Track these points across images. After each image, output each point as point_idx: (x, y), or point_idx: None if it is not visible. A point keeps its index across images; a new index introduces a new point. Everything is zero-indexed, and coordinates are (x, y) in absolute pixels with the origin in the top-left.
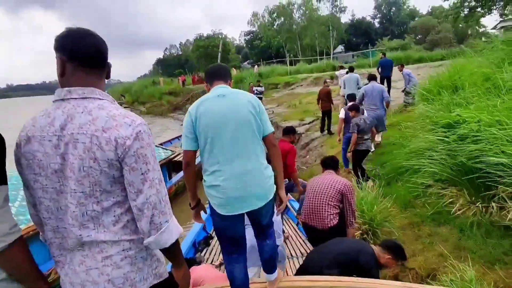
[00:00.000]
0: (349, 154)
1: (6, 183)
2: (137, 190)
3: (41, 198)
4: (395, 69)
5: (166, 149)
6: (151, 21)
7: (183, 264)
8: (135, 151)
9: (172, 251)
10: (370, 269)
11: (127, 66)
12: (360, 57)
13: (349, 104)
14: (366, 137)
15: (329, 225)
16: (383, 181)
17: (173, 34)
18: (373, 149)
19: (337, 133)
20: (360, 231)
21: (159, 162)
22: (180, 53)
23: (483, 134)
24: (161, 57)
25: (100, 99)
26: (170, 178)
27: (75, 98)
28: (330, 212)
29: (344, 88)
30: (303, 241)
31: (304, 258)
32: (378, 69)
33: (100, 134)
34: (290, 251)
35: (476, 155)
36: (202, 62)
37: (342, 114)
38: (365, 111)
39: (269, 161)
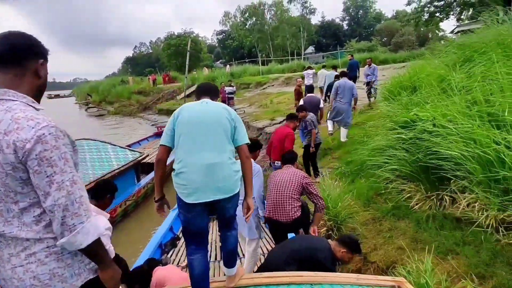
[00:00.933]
0: (312, 149)
1: None
2: (44, 192)
3: None
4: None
5: (133, 151)
6: (120, 18)
7: (109, 265)
8: (37, 154)
9: (90, 252)
10: (326, 263)
11: (95, 64)
12: (329, 58)
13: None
14: (317, 131)
15: (293, 217)
16: (348, 178)
17: (143, 32)
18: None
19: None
20: (326, 228)
21: (126, 164)
22: (150, 51)
23: (438, 131)
24: (131, 55)
25: (13, 100)
26: (138, 180)
27: None
28: (294, 205)
29: (324, 83)
30: (267, 240)
31: None
32: (347, 69)
33: (2, 137)
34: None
35: (431, 151)
36: (173, 61)
37: (301, 102)
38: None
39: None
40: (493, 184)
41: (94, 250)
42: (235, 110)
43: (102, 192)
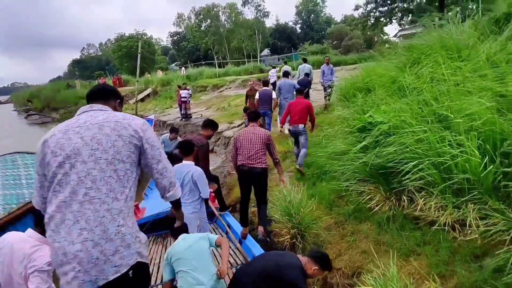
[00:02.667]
0: None
1: None
2: (157, 160)
3: None
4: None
5: None
6: (63, 20)
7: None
8: (150, 134)
9: (178, 201)
10: (298, 283)
11: (37, 68)
12: (284, 60)
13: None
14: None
15: (263, 165)
16: (309, 182)
17: (90, 34)
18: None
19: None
20: (289, 236)
21: None
22: (100, 53)
23: (393, 134)
24: (78, 57)
25: (108, 111)
26: None
27: None
28: (263, 157)
29: (299, 76)
30: (233, 250)
31: (233, 268)
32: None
33: (121, 120)
34: (219, 262)
35: (389, 156)
36: (125, 64)
37: (257, 96)
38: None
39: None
40: (447, 184)
41: (179, 200)
42: (191, 114)
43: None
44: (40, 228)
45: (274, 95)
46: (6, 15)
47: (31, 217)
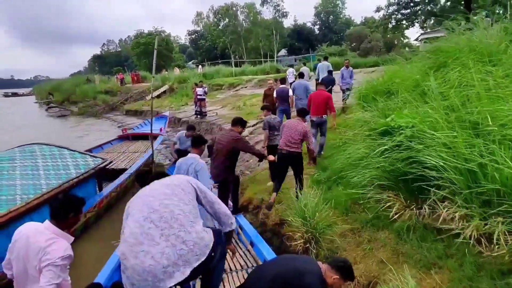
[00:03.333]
0: (264, 150)
1: None
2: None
3: None
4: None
5: (95, 157)
6: (86, 15)
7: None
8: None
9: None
10: None
11: (58, 62)
12: (301, 61)
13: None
14: (276, 133)
15: (298, 150)
16: (325, 186)
17: (111, 30)
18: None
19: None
20: (303, 240)
21: (86, 172)
22: (119, 50)
23: (417, 139)
24: (98, 53)
25: None
26: (100, 190)
27: None
28: (299, 144)
29: (318, 75)
30: (243, 252)
31: (243, 271)
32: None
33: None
34: (229, 264)
35: (411, 160)
36: (143, 60)
37: (274, 94)
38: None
39: None
40: (474, 195)
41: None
42: (206, 112)
43: (64, 210)
44: (55, 220)
45: (290, 92)
46: (30, 10)
47: (47, 208)
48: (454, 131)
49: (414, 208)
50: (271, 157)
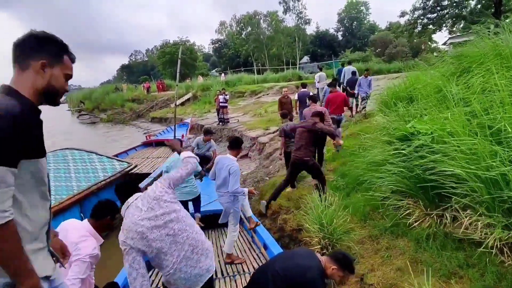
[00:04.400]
0: (281, 156)
1: (8, 165)
2: None
3: None
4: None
5: (121, 161)
6: (114, 25)
7: None
8: None
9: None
10: (315, 284)
11: (89, 71)
12: (324, 68)
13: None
14: (293, 140)
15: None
16: (343, 192)
17: (138, 39)
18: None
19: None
20: (320, 246)
21: (113, 175)
22: (146, 59)
23: (437, 145)
24: (126, 63)
25: None
26: None
27: None
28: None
29: (343, 78)
30: (257, 255)
31: None
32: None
33: None
34: (242, 266)
35: (430, 166)
36: (168, 69)
37: (295, 96)
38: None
39: None
40: (496, 203)
41: None
42: (229, 118)
43: (103, 211)
44: (94, 219)
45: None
46: (63, 21)
47: (77, 208)
48: (475, 138)
49: (435, 216)
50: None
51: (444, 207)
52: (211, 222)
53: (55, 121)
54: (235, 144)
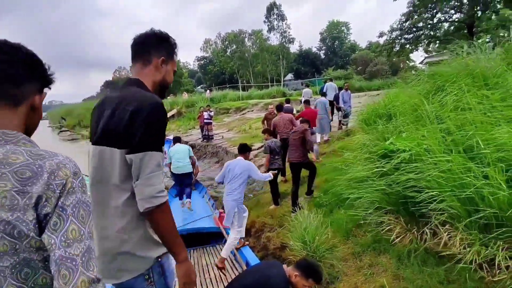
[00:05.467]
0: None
1: (162, 151)
2: None
3: None
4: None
5: None
6: (99, 41)
7: None
8: None
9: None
10: None
11: (72, 87)
12: (304, 84)
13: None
14: (277, 156)
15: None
16: (327, 209)
17: (123, 55)
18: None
19: None
20: None
21: None
22: (130, 75)
23: (415, 163)
24: (110, 78)
25: None
26: None
27: None
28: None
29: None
30: (239, 273)
31: None
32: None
33: None
34: (224, 285)
35: (409, 185)
36: None
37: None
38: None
39: None
40: (474, 219)
41: None
42: (213, 135)
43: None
44: None
45: (294, 110)
46: (47, 35)
47: None
48: (449, 154)
49: (415, 232)
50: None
51: (424, 222)
52: (194, 241)
53: (35, 137)
54: (244, 149)
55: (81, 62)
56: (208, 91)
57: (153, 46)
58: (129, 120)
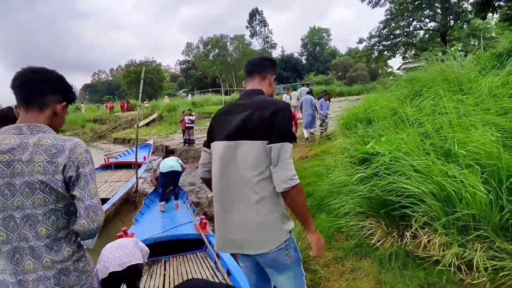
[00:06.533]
0: None
1: (294, 141)
2: None
3: None
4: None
5: None
6: (82, 44)
7: None
8: None
9: None
10: None
11: None
12: (290, 89)
13: None
14: None
15: None
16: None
17: (104, 59)
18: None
19: None
20: None
21: None
22: (110, 78)
23: (394, 166)
24: (89, 82)
25: None
26: None
27: None
28: None
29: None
30: (220, 281)
31: None
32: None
33: None
34: None
35: (390, 188)
36: (133, 89)
37: None
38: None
39: None
40: (452, 221)
41: None
42: (194, 139)
43: None
44: None
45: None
46: (24, 36)
47: None
48: (428, 157)
49: (396, 235)
50: None
51: (405, 226)
52: (174, 247)
53: None
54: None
55: (59, 65)
56: (189, 95)
57: (268, 67)
58: (270, 118)
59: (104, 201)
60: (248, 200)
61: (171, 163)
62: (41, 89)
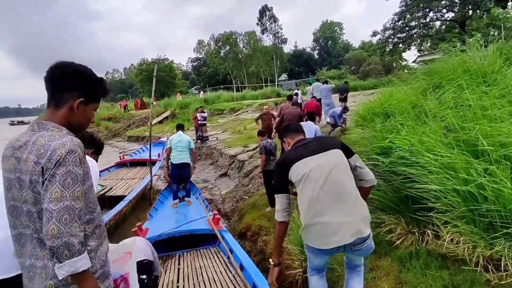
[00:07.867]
0: (260, 174)
1: None
2: None
3: None
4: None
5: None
6: (93, 45)
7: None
8: None
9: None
10: None
11: None
12: (302, 85)
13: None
14: (272, 158)
15: None
16: None
17: (116, 59)
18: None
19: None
20: (302, 269)
21: None
22: (124, 77)
23: (415, 159)
24: None
25: None
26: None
27: None
28: None
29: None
30: (233, 276)
31: None
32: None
33: None
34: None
35: (410, 181)
36: (146, 87)
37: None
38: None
39: None
40: (477, 218)
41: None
42: (208, 136)
43: None
44: None
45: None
46: (38, 39)
47: None
48: (451, 152)
49: (416, 233)
50: None
51: (426, 222)
52: (188, 243)
53: None
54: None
55: None
56: (202, 92)
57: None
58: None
59: (120, 198)
60: (356, 197)
61: (180, 153)
62: (57, 84)
